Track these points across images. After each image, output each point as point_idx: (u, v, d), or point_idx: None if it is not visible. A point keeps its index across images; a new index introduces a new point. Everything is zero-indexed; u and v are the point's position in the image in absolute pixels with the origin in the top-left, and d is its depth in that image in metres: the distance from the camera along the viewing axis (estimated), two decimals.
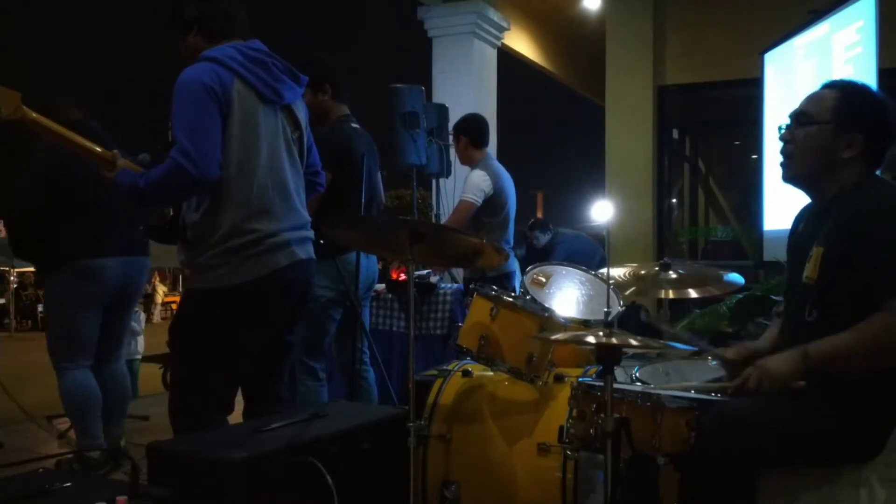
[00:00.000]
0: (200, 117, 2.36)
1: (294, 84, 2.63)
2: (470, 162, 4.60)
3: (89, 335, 3.78)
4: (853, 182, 1.99)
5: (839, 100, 2.02)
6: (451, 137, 5.56)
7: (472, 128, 4.62)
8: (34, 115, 2.47)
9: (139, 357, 7.60)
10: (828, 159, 2.01)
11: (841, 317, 1.86)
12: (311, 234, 2.66)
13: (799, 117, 2.07)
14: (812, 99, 2.08)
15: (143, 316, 9.03)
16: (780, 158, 2.10)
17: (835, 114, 2.00)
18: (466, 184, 4.45)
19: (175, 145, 2.33)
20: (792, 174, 2.09)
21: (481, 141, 4.60)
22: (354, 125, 3.69)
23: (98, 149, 2.55)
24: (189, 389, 2.53)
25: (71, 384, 3.72)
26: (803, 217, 2.19)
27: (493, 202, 4.41)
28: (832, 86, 2.08)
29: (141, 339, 7.68)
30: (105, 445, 3.78)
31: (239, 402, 2.72)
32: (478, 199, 4.36)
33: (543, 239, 7.28)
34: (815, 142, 2.02)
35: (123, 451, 3.86)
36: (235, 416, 2.69)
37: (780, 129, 2.12)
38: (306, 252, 2.62)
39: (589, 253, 7.35)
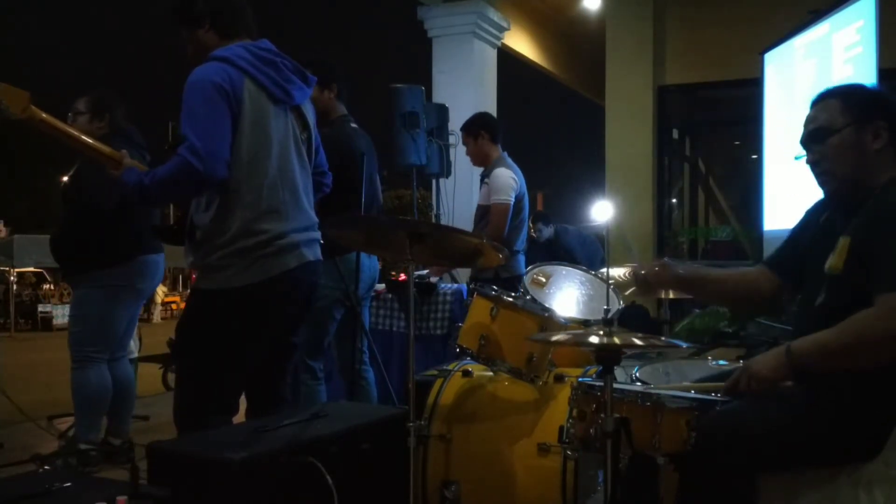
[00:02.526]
0: (210, 116, 2.35)
1: (303, 84, 2.62)
2: (486, 160, 4.54)
3: (120, 330, 3.85)
4: (888, 177, 1.97)
5: (843, 100, 2.01)
6: (452, 137, 5.57)
7: (490, 124, 4.61)
8: (43, 114, 2.48)
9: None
10: (862, 157, 1.99)
11: (847, 306, 1.85)
12: (318, 234, 2.66)
13: (814, 136, 2.05)
14: (814, 116, 2.06)
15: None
16: (816, 180, 2.07)
17: (847, 114, 2.00)
18: (494, 184, 4.36)
19: (183, 143, 2.33)
20: (834, 187, 2.06)
21: (499, 138, 4.58)
22: (353, 125, 3.70)
23: (106, 149, 2.55)
24: (194, 390, 2.53)
25: (90, 377, 3.72)
26: (822, 210, 2.17)
27: (516, 204, 4.39)
28: (826, 95, 2.07)
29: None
30: (98, 441, 3.80)
31: (242, 403, 2.71)
32: (510, 199, 4.32)
33: (546, 231, 7.31)
34: (844, 147, 2.00)
35: (130, 448, 3.86)
36: (239, 417, 2.69)
37: (797, 158, 2.10)
38: (314, 253, 2.62)
39: (593, 246, 7.37)
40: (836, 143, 2.01)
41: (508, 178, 4.36)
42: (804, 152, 2.09)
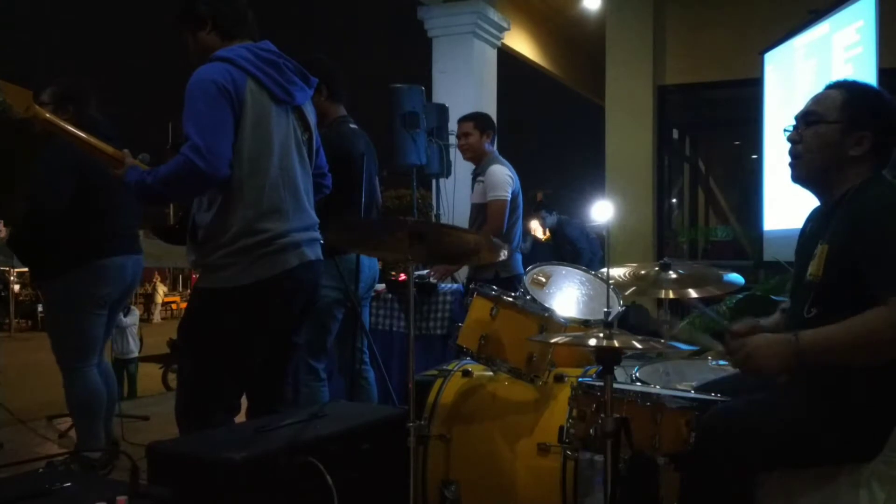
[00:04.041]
0: (213, 115, 2.36)
1: (304, 85, 2.63)
2: (481, 158, 4.55)
3: (99, 335, 3.74)
4: (859, 181, 1.99)
5: (846, 98, 2.03)
6: (452, 137, 5.57)
7: (494, 128, 4.65)
8: (47, 114, 2.48)
9: (135, 356, 7.57)
10: (836, 158, 2.01)
11: (841, 315, 1.86)
12: (318, 234, 2.67)
13: (806, 117, 2.07)
14: (818, 99, 2.08)
15: (137, 314, 8.92)
16: (788, 159, 2.10)
17: (843, 112, 2.01)
18: (490, 181, 4.37)
19: (186, 142, 2.33)
20: (800, 174, 2.09)
21: (495, 142, 4.63)
22: (353, 125, 3.69)
23: (109, 148, 2.55)
24: (196, 389, 2.53)
25: (83, 386, 3.66)
26: (811, 219, 2.19)
27: (512, 200, 4.40)
28: (837, 86, 2.09)
29: (134, 338, 7.62)
30: (104, 446, 3.76)
31: (243, 403, 2.72)
32: (507, 195, 4.33)
33: (550, 219, 7.35)
34: (824, 140, 2.02)
35: (115, 447, 3.84)
36: (240, 417, 2.69)
37: (785, 130, 2.12)
38: (315, 253, 2.62)
39: (596, 241, 7.40)
40: (820, 133, 2.03)
41: (504, 175, 4.37)
42: (794, 124, 2.11)
